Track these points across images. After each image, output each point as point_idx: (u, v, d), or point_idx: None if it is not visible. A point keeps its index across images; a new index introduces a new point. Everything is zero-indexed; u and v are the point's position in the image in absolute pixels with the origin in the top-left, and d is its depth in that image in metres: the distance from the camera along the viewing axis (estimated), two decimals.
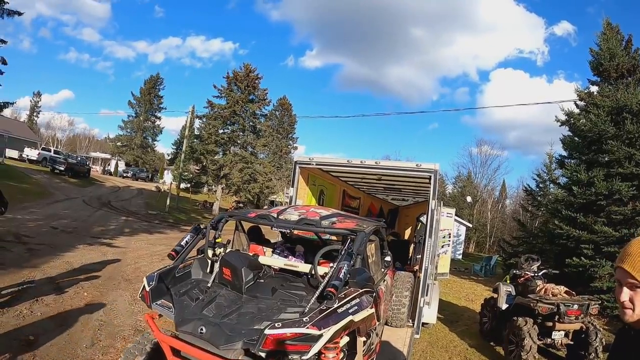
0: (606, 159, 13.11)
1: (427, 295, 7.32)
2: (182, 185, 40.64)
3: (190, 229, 4.65)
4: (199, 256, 4.51)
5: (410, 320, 7.12)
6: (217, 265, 4.13)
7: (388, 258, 6.30)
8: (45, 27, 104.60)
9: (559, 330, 6.74)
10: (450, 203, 43.19)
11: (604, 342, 6.80)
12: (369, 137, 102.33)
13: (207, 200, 42.35)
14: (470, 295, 14.29)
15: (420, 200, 12.87)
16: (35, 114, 69.49)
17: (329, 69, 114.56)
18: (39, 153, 39.68)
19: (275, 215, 4.67)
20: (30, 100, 69.99)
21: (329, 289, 3.32)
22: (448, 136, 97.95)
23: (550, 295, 6.95)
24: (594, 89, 15.54)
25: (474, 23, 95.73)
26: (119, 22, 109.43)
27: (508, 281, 8.34)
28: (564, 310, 6.48)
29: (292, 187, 8.42)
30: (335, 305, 3.36)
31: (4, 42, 14.58)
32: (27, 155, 39.51)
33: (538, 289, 7.26)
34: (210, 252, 4.40)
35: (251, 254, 4.69)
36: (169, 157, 60.70)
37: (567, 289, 7.16)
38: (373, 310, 3.79)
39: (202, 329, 3.28)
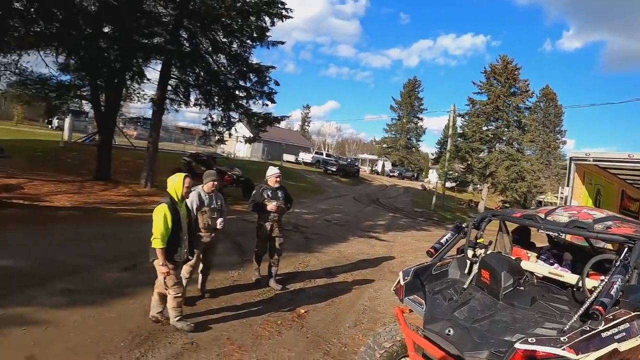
0: None
1: None
2: (448, 184, 40.84)
3: (451, 226, 4.49)
4: (459, 256, 4.33)
5: None
6: (475, 267, 3.94)
7: None
8: (304, 50, 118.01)
9: None
10: None
11: None
12: None
13: (472, 199, 41.80)
14: None
15: None
16: (306, 123, 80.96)
17: (590, 48, 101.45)
18: (313, 156, 46.07)
19: (543, 216, 4.17)
20: (301, 113, 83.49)
21: (596, 306, 2.79)
22: None
23: None
24: None
25: None
26: (369, 34, 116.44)
27: None
28: None
29: (567, 186, 7.87)
30: (600, 328, 2.81)
31: (273, 67, 17.12)
32: (302, 159, 45.99)
33: None
34: (470, 252, 4.20)
35: (513, 258, 4.34)
36: (433, 157, 61.53)
37: None
38: None
39: (449, 331, 3.12)
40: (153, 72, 16.35)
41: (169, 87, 16.26)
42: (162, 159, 16.92)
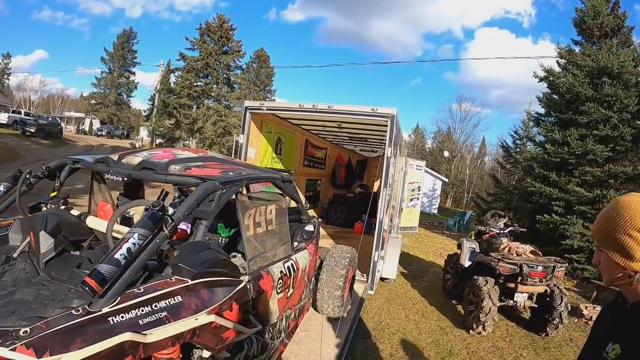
0: (584, 120, 12.63)
1: (381, 249, 6.99)
2: (158, 141, 40.08)
3: (9, 176, 3.50)
4: (21, 217, 3.30)
5: (365, 276, 6.90)
6: None
7: (310, 227, 4.84)
8: None
9: (521, 292, 6.23)
10: (428, 158, 43.18)
11: (569, 307, 6.33)
12: (350, 91, 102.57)
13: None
14: (440, 250, 13.88)
15: None
16: (5, 76, 66.57)
17: (312, 22, 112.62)
18: (9, 116, 37.80)
19: (116, 159, 3.41)
20: (0, 63, 66.85)
21: (87, 278, 1.98)
22: (430, 92, 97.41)
23: (514, 255, 6.45)
24: (577, 48, 15.00)
25: None
26: None
27: (473, 237, 7.90)
28: (527, 272, 5.96)
29: (242, 133, 7.96)
30: (106, 310, 1.99)
31: None
32: None
33: (502, 247, 6.79)
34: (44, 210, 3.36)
35: (77, 213, 3.45)
36: (146, 114, 59.15)
37: (533, 249, 6.63)
38: (213, 316, 2.42)
39: None
40: None
41: None
42: None
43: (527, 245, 6.75)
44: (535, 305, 6.45)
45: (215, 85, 38.87)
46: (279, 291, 3.56)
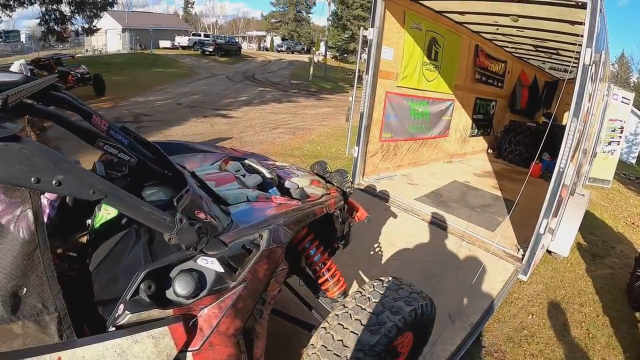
0: None
1: (554, 216, 4.48)
2: (332, 55, 40.98)
3: None
4: None
5: (520, 250, 4.80)
6: None
7: (210, 264, 1.83)
8: None
9: None
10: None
11: None
12: None
13: (360, 69, 40.90)
14: (635, 217, 9.64)
15: None
16: (189, 5, 72.55)
17: None
18: (189, 39, 41.62)
19: None
20: None
21: None
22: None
23: None
24: None
25: None
26: None
27: None
28: None
29: (372, 27, 5.92)
30: None
31: None
32: (178, 43, 41.87)
33: None
34: None
35: None
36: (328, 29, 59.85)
37: None
38: None
39: None
40: None
41: None
42: None
43: None
44: None
45: None
46: None
